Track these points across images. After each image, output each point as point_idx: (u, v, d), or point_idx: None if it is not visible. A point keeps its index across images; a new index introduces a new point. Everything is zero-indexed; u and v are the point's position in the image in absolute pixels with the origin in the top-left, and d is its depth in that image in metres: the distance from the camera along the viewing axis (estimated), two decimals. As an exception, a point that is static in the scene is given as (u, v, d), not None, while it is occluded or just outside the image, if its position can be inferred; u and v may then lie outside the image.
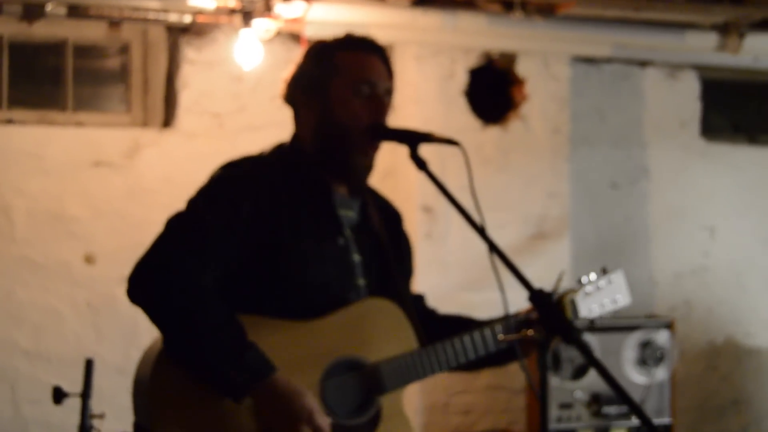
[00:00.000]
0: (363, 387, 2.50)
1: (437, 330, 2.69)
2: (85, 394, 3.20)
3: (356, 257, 2.61)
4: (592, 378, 4.44)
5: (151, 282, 2.34)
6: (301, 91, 2.61)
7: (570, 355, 4.41)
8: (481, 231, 2.47)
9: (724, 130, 5.71)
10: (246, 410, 2.35)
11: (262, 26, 4.10)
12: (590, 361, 2.24)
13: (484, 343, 2.66)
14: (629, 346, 4.50)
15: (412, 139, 2.52)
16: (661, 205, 5.36)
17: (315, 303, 2.49)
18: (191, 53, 4.58)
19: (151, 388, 2.33)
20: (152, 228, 4.44)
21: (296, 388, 2.35)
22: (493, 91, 4.85)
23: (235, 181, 2.50)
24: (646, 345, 4.52)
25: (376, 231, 2.68)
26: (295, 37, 4.55)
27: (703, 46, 4.84)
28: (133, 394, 2.43)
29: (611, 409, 4.46)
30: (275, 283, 2.46)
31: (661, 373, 4.53)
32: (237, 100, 4.64)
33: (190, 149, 4.58)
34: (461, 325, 2.74)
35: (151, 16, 4.18)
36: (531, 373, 2.65)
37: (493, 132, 4.81)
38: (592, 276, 2.87)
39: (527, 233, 4.87)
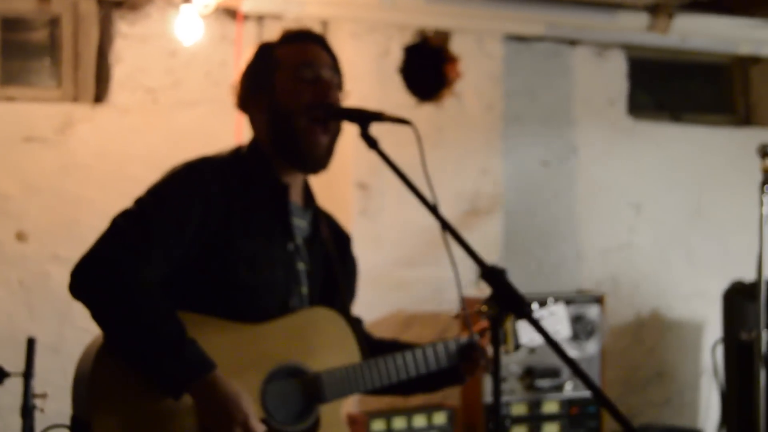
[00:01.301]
0: (304, 394, 2.51)
1: (375, 353, 2.71)
2: (28, 374, 3.17)
3: (302, 265, 2.62)
4: (525, 352, 4.51)
5: (92, 278, 2.33)
6: (249, 93, 2.62)
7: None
8: (433, 209, 2.48)
9: (649, 108, 5.83)
10: (185, 407, 2.34)
11: (201, 1, 4.08)
12: (542, 335, 2.30)
13: (425, 361, 2.70)
14: (561, 320, 4.58)
15: (362, 118, 2.55)
16: (590, 182, 5.45)
17: (259, 304, 2.50)
18: (124, 27, 4.52)
19: (91, 382, 2.31)
20: (86, 204, 4.44)
21: (234, 389, 2.34)
22: (427, 68, 4.89)
23: (186, 182, 2.49)
24: (577, 320, 4.61)
25: (325, 245, 2.71)
26: (231, 13, 4.52)
27: (634, 25, 4.93)
28: (72, 387, 2.41)
29: (544, 382, 4.56)
30: (221, 283, 2.46)
31: (591, 347, 4.63)
32: (171, 75, 4.60)
33: (123, 124, 4.53)
34: (397, 348, 2.76)
35: (87, -11, 4.12)
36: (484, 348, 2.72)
37: (428, 109, 4.85)
38: (534, 306, 2.90)
39: (461, 209, 4.92)
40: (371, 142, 2.53)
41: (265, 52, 2.64)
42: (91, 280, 2.33)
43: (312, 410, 2.52)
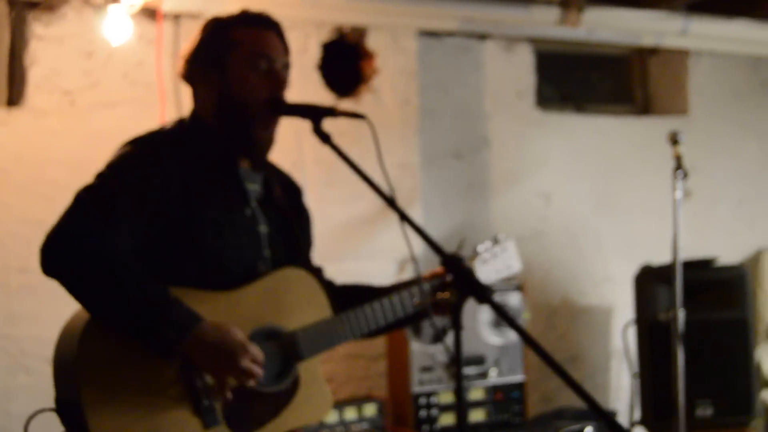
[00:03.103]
0: (282, 355, 2.60)
1: (339, 299, 2.80)
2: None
3: (263, 228, 2.69)
4: (450, 341, 4.60)
5: (66, 252, 2.34)
6: (200, 67, 2.65)
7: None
8: (390, 201, 2.56)
9: (555, 99, 5.99)
10: (173, 375, 2.40)
11: (128, 1, 4.05)
12: (505, 319, 2.38)
13: (392, 310, 2.80)
14: (484, 308, 4.68)
15: (315, 113, 2.63)
16: (501, 173, 5.58)
17: (228, 271, 2.57)
18: (39, 29, 4.45)
19: (77, 361, 2.33)
20: (3, 209, 4.38)
21: (223, 324, 2.41)
22: (344, 64, 4.94)
23: (143, 155, 2.54)
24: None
25: (280, 204, 2.77)
26: (147, 12, 4.49)
27: (546, 19, 5.07)
28: (55, 369, 2.41)
29: (469, 370, 4.66)
30: (190, 253, 2.52)
31: (514, 334, 4.74)
32: (88, 77, 4.54)
33: (41, 127, 4.45)
34: (360, 293, 2.86)
35: (3, -10, 4.05)
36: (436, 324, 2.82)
37: (346, 105, 4.90)
38: (487, 244, 3.03)
39: (381, 203, 4.96)
40: (324, 137, 2.61)
41: (220, 30, 2.67)
42: (64, 253, 2.33)
43: (291, 369, 2.61)
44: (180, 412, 2.40)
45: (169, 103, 4.51)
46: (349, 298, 2.81)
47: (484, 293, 2.38)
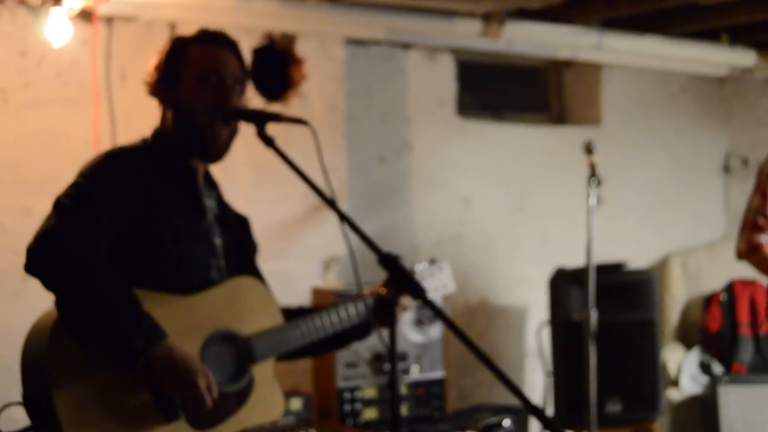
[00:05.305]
0: (237, 357, 2.74)
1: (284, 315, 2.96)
2: None
3: (218, 240, 2.85)
4: (373, 338, 4.76)
5: (49, 253, 2.47)
6: (159, 83, 2.81)
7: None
8: (331, 203, 2.72)
9: (474, 108, 6.20)
10: (137, 377, 2.52)
11: (67, 4, 4.14)
12: (439, 316, 2.54)
13: (340, 320, 2.98)
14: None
15: (259, 118, 2.80)
16: (423, 178, 5.76)
17: (184, 277, 2.72)
18: (-28, 28, 4.51)
19: (49, 357, 2.44)
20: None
21: (186, 351, 2.56)
22: (274, 70, 5.07)
23: (114, 163, 2.70)
24: (421, 306, 4.89)
25: (232, 221, 2.93)
26: (85, 15, 4.56)
27: (468, 31, 5.26)
28: (24, 364, 2.52)
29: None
30: (150, 257, 2.66)
31: (435, 332, 4.93)
32: (21, 76, 4.60)
33: (-27, 125, 4.51)
34: (301, 310, 3.04)
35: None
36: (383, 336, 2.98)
37: (275, 109, 5.01)
38: (424, 264, 3.22)
39: (308, 204, 5.15)
40: (268, 141, 2.78)
41: (177, 48, 2.84)
42: (48, 255, 2.47)
43: (246, 370, 2.74)
44: (144, 407, 2.53)
45: (102, 102, 4.60)
46: (292, 314, 2.97)
47: (419, 291, 2.54)
